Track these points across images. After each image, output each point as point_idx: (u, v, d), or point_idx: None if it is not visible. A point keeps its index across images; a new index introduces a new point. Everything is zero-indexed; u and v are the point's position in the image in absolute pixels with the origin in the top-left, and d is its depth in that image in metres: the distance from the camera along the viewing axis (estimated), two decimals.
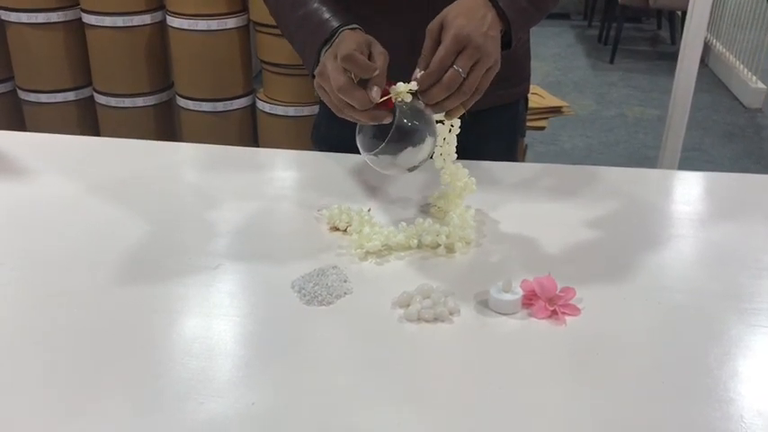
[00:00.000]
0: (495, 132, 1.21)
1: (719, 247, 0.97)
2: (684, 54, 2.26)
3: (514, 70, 1.23)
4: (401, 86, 0.86)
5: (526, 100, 1.32)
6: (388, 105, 0.86)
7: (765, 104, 4.28)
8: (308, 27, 0.99)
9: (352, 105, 0.85)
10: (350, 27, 0.94)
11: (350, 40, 0.90)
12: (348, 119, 0.89)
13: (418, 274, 0.87)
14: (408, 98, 0.86)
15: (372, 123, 0.87)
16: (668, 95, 2.40)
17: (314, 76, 0.95)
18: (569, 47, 5.49)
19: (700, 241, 1.00)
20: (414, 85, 0.86)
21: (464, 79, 0.85)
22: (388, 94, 0.85)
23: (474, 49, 0.86)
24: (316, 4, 0.99)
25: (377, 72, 0.85)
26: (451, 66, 0.85)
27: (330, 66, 0.87)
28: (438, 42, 0.86)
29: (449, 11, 0.89)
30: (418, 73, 0.87)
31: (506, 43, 0.95)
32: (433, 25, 0.88)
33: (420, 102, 0.87)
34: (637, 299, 0.84)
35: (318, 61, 0.95)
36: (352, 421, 0.66)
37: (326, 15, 0.97)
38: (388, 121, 0.85)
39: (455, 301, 0.81)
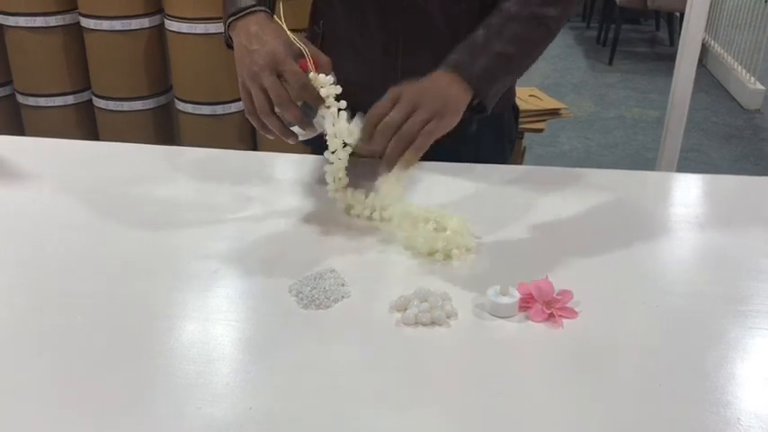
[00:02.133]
0: (481, 140, 1.21)
1: (718, 249, 0.97)
2: (682, 55, 2.26)
3: None
4: (322, 79, 0.92)
5: (514, 107, 1.31)
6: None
7: (764, 105, 4.29)
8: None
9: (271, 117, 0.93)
10: (263, 9, 0.99)
11: (278, 42, 0.93)
12: (255, 120, 0.96)
13: (415, 278, 0.87)
14: (326, 91, 0.92)
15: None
16: (667, 96, 2.40)
17: (228, 46, 1.03)
18: (568, 48, 5.50)
19: (698, 244, 1.00)
20: (330, 79, 0.92)
21: (399, 128, 0.90)
22: (306, 69, 0.92)
23: (406, 101, 0.91)
24: None
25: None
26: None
27: (266, 79, 0.92)
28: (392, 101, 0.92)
29: (413, 82, 0.95)
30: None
31: (482, 108, 1.01)
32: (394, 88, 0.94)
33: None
34: (634, 301, 0.84)
35: (227, 35, 1.02)
36: (350, 425, 0.66)
37: None
38: (293, 141, 0.96)
39: (452, 305, 0.81)
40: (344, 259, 0.91)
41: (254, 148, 2.65)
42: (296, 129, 0.95)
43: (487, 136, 1.22)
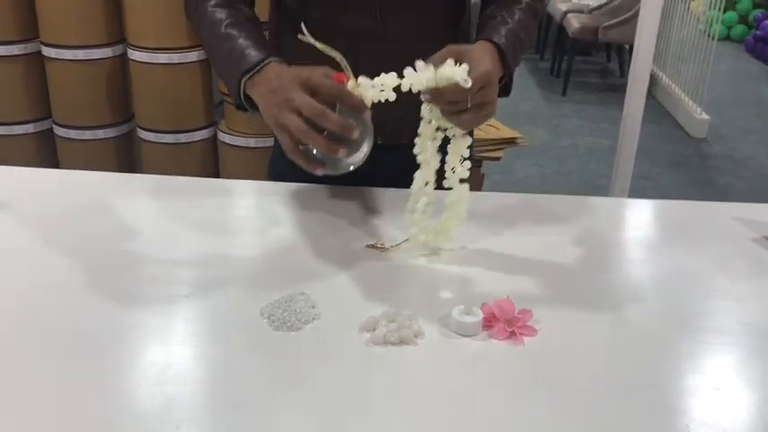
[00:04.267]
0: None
1: (669, 269, 1.02)
2: (632, 86, 2.36)
3: None
4: (364, 82, 0.90)
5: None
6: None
7: (709, 134, 4.46)
8: (231, 60, 1.02)
9: (315, 131, 0.88)
10: (275, 59, 0.99)
11: (299, 69, 0.94)
12: (300, 155, 0.91)
13: (383, 299, 0.90)
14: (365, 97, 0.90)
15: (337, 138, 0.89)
16: (618, 126, 2.49)
17: (238, 107, 1.01)
18: (522, 79, 5.64)
19: (650, 265, 1.05)
20: (366, 80, 0.91)
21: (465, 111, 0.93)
22: (343, 80, 0.90)
23: (490, 92, 0.95)
24: (241, 38, 1.03)
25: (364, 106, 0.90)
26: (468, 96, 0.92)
27: (297, 97, 0.89)
28: (451, 56, 0.92)
29: (475, 48, 0.98)
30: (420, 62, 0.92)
31: (505, 91, 1.06)
32: (456, 48, 0.94)
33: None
34: (590, 319, 0.89)
35: (239, 90, 0.99)
36: None
37: (250, 48, 1.01)
38: (355, 135, 0.88)
39: (419, 325, 0.84)
40: (314, 282, 0.93)
41: (217, 176, 2.66)
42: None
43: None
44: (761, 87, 5.70)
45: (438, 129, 0.97)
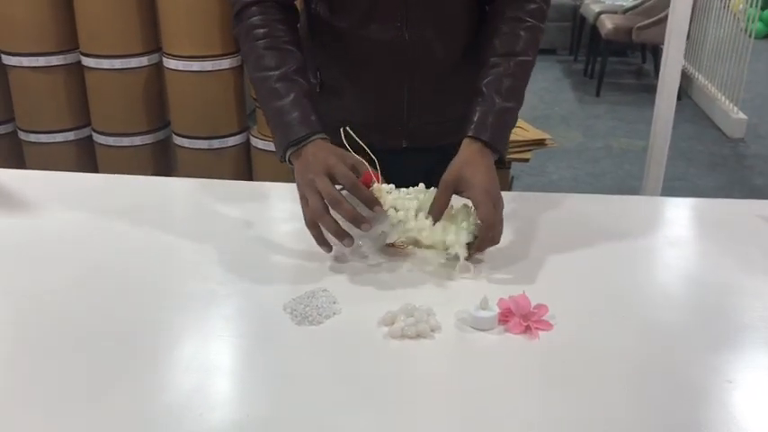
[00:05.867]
0: None
1: (691, 267, 1.03)
2: (663, 86, 2.35)
3: None
4: (384, 187, 0.98)
5: None
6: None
7: (747, 134, 4.38)
8: (280, 123, 1.06)
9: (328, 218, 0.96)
10: (320, 136, 1.03)
11: (330, 154, 0.99)
12: (314, 230, 0.99)
13: (401, 295, 0.93)
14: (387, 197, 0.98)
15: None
16: None
17: (282, 161, 1.07)
18: (556, 81, 5.62)
19: (672, 261, 1.06)
20: (392, 187, 0.99)
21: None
22: (368, 183, 0.97)
23: (499, 201, 1.01)
24: (290, 100, 1.06)
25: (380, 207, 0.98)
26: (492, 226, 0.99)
27: (319, 182, 0.97)
28: (452, 192, 1.00)
29: (462, 167, 1.01)
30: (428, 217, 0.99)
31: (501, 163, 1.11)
32: (448, 178, 1.00)
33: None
34: (607, 314, 0.90)
35: (284, 157, 1.05)
36: (340, 431, 0.71)
37: (297, 117, 1.04)
38: (366, 228, 0.96)
39: (436, 319, 0.87)
40: (335, 279, 0.96)
41: (250, 180, 2.71)
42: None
43: None
44: None
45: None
